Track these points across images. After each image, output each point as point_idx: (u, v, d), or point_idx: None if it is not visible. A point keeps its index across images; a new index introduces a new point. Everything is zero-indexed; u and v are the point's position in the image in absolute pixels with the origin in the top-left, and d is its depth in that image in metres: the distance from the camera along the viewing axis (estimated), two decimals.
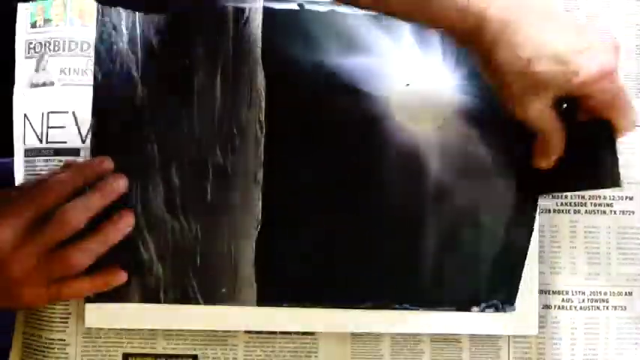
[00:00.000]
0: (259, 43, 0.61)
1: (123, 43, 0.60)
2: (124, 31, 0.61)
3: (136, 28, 0.61)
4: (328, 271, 0.60)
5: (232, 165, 0.60)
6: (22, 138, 0.63)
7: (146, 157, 0.60)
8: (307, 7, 0.61)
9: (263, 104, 0.61)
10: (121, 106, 0.60)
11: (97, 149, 0.60)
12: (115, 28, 0.61)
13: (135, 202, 0.60)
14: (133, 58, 0.60)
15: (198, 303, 0.60)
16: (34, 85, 0.63)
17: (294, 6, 0.61)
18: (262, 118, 0.61)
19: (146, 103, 0.60)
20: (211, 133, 0.61)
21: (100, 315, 0.60)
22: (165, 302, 0.60)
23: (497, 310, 0.60)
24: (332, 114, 0.61)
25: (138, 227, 0.60)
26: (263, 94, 0.61)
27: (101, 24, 0.60)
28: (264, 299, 0.60)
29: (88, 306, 0.60)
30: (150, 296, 0.60)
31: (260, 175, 0.60)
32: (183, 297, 0.60)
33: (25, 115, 0.63)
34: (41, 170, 0.63)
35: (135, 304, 0.60)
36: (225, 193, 0.60)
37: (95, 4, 0.61)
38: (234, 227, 0.60)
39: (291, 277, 0.60)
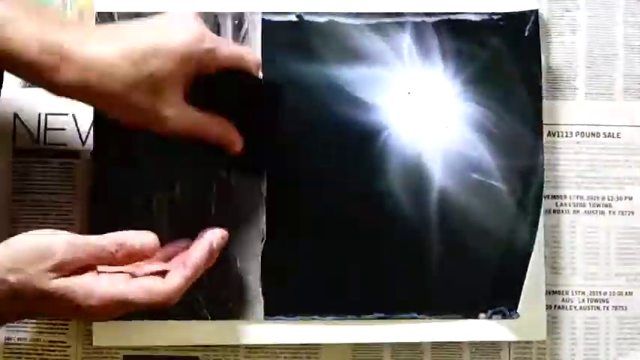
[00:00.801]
0: (259, 54, 0.61)
1: None
2: None
3: None
4: (335, 282, 0.60)
5: (236, 178, 0.60)
6: (12, 138, 0.63)
7: (149, 172, 0.60)
8: (306, 18, 0.61)
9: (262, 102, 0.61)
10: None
11: (99, 165, 0.60)
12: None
13: (139, 217, 0.60)
14: None
15: (205, 318, 0.60)
16: (29, 85, 0.63)
17: (292, 17, 0.61)
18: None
19: None
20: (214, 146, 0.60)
21: (106, 334, 0.59)
22: (171, 319, 0.59)
23: (504, 316, 0.60)
24: (333, 124, 0.60)
25: None
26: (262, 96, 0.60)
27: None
28: (272, 313, 0.60)
29: (95, 325, 0.59)
30: (156, 314, 0.59)
31: (264, 188, 0.60)
32: (190, 313, 0.59)
33: (15, 115, 0.63)
34: (37, 172, 0.62)
35: (140, 322, 0.59)
36: (229, 207, 0.60)
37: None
38: (239, 241, 0.60)
39: (298, 290, 0.60)
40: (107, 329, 0.59)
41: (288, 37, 0.61)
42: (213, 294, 0.60)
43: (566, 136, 0.64)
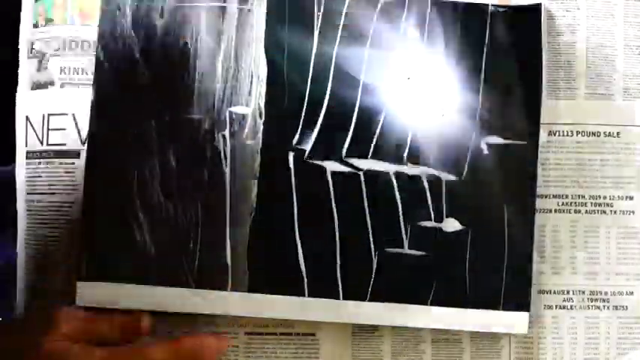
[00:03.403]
0: (263, 31, 0.61)
1: (126, 24, 0.61)
2: (128, 11, 0.61)
3: (140, 8, 0.61)
4: (319, 262, 0.60)
5: (230, 150, 0.61)
6: (25, 140, 0.63)
7: (144, 138, 0.61)
8: None
9: (263, 91, 0.61)
10: (121, 86, 0.61)
11: (95, 129, 0.61)
12: (119, 8, 0.61)
13: (131, 183, 0.60)
14: (135, 40, 0.61)
15: (189, 287, 0.60)
16: (36, 86, 0.63)
17: None
18: (262, 104, 0.61)
19: (146, 85, 0.61)
20: (210, 118, 0.61)
21: (89, 294, 0.60)
22: (156, 284, 0.60)
23: (487, 307, 0.60)
24: (332, 103, 0.61)
25: (133, 209, 0.60)
26: (264, 80, 0.61)
27: (105, 3, 0.61)
28: (256, 286, 0.60)
29: (79, 284, 0.60)
30: (141, 278, 0.60)
31: (257, 162, 0.61)
32: (175, 280, 0.60)
33: (27, 118, 0.63)
34: (42, 173, 0.62)
35: (125, 285, 0.60)
36: (221, 178, 0.60)
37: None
38: (228, 213, 0.60)
39: (284, 267, 0.60)
40: (89, 290, 0.60)
41: (292, 13, 0.62)
42: (199, 263, 0.60)
43: (566, 136, 0.64)
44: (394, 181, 0.61)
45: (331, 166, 0.61)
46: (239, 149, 0.61)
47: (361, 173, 0.61)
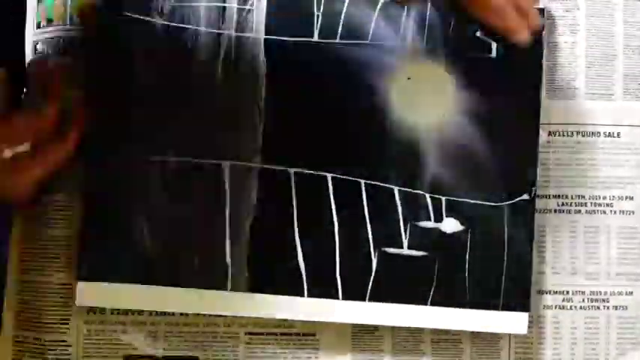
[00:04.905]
0: (263, 30, 0.61)
1: (126, 24, 0.61)
2: (128, 11, 0.61)
3: (140, 8, 0.61)
4: (319, 265, 0.60)
5: (229, 150, 0.61)
6: None
7: (144, 139, 0.60)
8: None
9: (263, 91, 0.61)
10: (120, 86, 0.61)
11: (94, 128, 0.60)
12: (119, 8, 0.61)
13: (131, 183, 0.60)
14: (135, 39, 0.61)
15: (189, 287, 0.60)
16: None
17: None
18: (262, 104, 0.61)
19: (145, 85, 0.61)
20: (210, 118, 0.61)
21: (89, 294, 0.60)
22: (156, 284, 0.60)
23: (487, 307, 0.60)
24: (332, 103, 0.61)
25: (133, 209, 0.60)
26: (264, 80, 0.61)
27: (105, 3, 0.61)
28: (256, 286, 0.60)
29: (79, 284, 0.60)
30: (142, 277, 0.60)
31: (257, 161, 0.61)
32: (175, 280, 0.60)
33: None
34: None
35: (125, 285, 0.60)
36: (221, 178, 0.60)
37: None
38: (228, 213, 0.60)
39: (285, 267, 0.60)
40: (90, 290, 0.60)
41: (292, 12, 0.61)
42: (199, 263, 0.60)
43: (567, 136, 0.64)
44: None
45: None
46: (239, 149, 0.61)
47: None
